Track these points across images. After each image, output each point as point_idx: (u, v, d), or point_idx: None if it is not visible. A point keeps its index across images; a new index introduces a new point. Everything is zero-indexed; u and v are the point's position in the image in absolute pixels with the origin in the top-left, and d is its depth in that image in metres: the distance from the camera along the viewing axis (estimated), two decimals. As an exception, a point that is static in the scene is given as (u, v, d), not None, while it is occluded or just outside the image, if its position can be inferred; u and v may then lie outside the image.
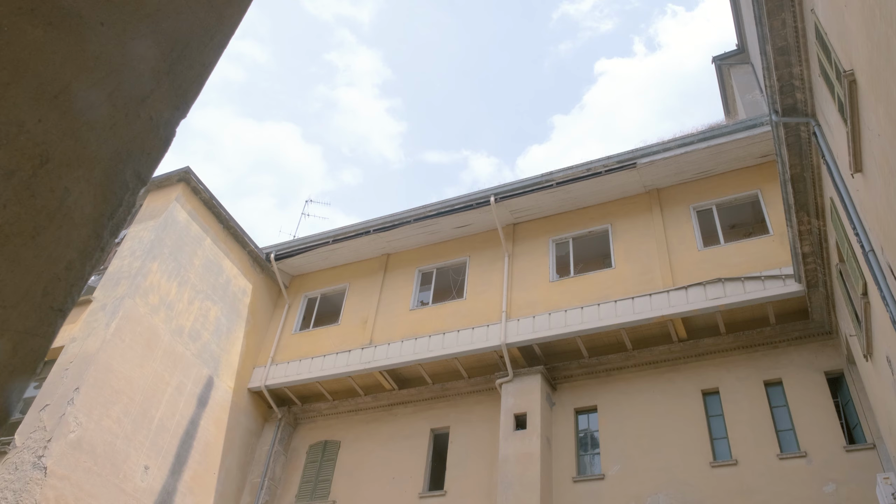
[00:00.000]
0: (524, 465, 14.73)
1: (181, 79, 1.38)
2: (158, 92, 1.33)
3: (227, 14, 1.49)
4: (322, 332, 19.71)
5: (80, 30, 1.17)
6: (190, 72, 1.40)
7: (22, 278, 1.02)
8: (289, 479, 18.32)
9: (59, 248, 1.10)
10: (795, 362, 14.32)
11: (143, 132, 1.30)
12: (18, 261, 1.02)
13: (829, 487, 12.48)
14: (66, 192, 1.13)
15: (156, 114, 1.33)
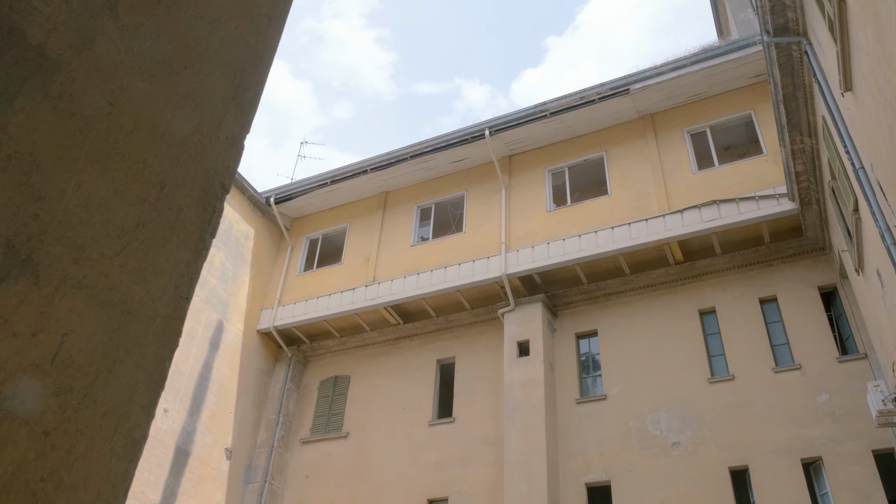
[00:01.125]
0: (529, 389, 15.28)
1: (243, 100, 1.59)
2: (229, 115, 1.54)
3: (271, 36, 1.68)
4: (326, 271, 20.03)
5: (171, 76, 1.37)
6: (248, 93, 1.61)
7: (161, 277, 1.26)
8: (302, 414, 18.96)
9: (181, 251, 1.33)
10: (790, 279, 14.71)
11: (223, 151, 1.51)
12: (157, 265, 1.26)
13: (823, 397, 13.03)
14: (180, 208, 1.35)
15: (230, 134, 1.54)
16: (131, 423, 1.14)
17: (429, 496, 15.75)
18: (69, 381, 1.06)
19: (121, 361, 1.15)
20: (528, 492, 14.00)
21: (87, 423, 1.07)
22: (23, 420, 0.98)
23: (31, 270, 1.06)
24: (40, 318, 1.05)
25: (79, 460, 1.04)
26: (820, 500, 12.39)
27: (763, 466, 12.83)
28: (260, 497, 17.67)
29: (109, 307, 1.16)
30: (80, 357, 1.09)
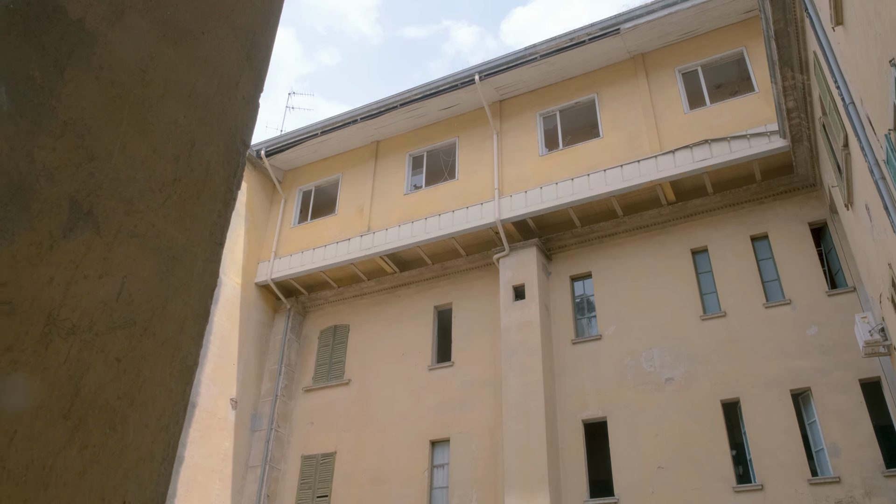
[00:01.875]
0: (525, 332, 15.61)
1: (255, 61, 1.73)
2: (244, 76, 1.67)
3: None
4: (320, 223, 20.16)
5: (192, 42, 1.51)
6: (260, 54, 1.74)
7: (198, 226, 1.42)
8: (304, 363, 19.34)
9: (212, 202, 1.49)
10: (780, 216, 14.92)
11: (241, 110, 1.65)
12: (194, 214, 1.42)
13: (812, 330, 13.39)
14: (208, 164, 1.50)
15: (246, 93, 1.68)
16: (184, 352, 1.31)
17: (431, 437, 16.23)
18: (132, 316, 1.23)
19: (171, 299, 1.32)
20: (527, 430, 14.45)
21: (149, 352, 1.24)
22: (98, 349, 1.15)
23: (92, 222, 1.21)
24: (104, 263, 1.21)
25: (146, 382, 1.21)
26: (808, 428, 12.85)
27: (754, 398, 13.25)
28: (266, 444, 18.16)
29: (158, 253, 1.32)
30: (138, 296, 1.25)
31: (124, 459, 1.15)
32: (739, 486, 12.64)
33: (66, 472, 1.06)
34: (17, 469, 1.00)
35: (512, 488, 14.04)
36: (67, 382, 1.09)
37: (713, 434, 13.30)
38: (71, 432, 1.08)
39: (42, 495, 1.02)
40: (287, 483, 17.82)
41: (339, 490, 16.87)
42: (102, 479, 1.11)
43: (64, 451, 1.06)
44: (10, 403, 1.01)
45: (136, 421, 1.19)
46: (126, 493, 1.14)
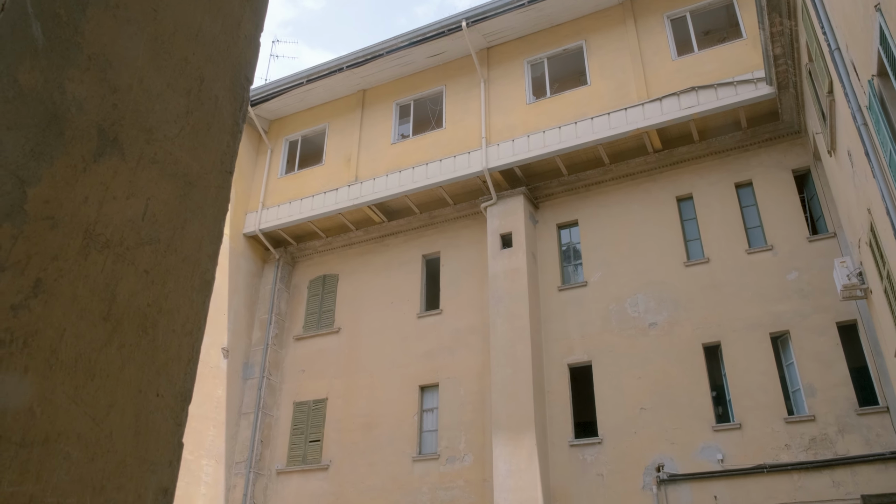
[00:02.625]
0: (512, 279, 15.86)
1: (255, 2, 1.83)
2: (245, 16, 1.78)
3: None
4: (307, 173, 20.14)
5: (199, -19, 1.61)
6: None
7: (210, 155, 1.55)
8: (294, 313, 19.56)
9: (221, 134, 1.61)
10: (765, 163, 15.08)
11: (244, 48, 1.76)
12: (206, 145, 1.54)
13: (793, 275, 13.70)
14: (217, 98, 1.62)
15: (248, 33, 1.79)
16: (202, 268, 1.45)
17: (420, 383, 16.59)
18: (156, 234, 1.37)
19: (189, 221, 1.45)
20: (514, 374, 14.81)
21: (172, 266, 1.38)
22: (129, 261, 1.29)
23: (118, 149, 1.34)
24: (129, 186, 1.34)
25: (171, 293, 1.36)
26: (786, 370, 13.26)
27: (734, 341, 13.62)
28: (259, 391, 18.49)
29: (176, 178, 1.45)
30: (161, 216, 1.39)
31: (156, 358, 1.30)
32: (718, 425, 13.10)
33: (107, 366, 1.21)
34: (68, 360, 1.15)
35: (499, 430, 14.45)
36: (105, 289, 1.24)
37: (694, 376, 13.70)
38: (110, 332, 1.23)
39: (90, 384, 1.17)
40: (280, 429, 18.21)
41: (330, 435, 17.28)
42: (138, 374, 1.26)
43: (105, 348, 1.21)
44: (57, 305, 1.15)
45: (165, 326, 1.33)
46: (159, 387, 1.29)
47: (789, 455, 12.31)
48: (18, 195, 1.14)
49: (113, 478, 1.18)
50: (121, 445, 1.20)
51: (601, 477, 13.75)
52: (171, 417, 1.31)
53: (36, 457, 1.07)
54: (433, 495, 15.23)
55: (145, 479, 1.23)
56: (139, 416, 1.24)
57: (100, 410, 1.18)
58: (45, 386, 1.11)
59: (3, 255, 1.09)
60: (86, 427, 1.15)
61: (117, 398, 1.21)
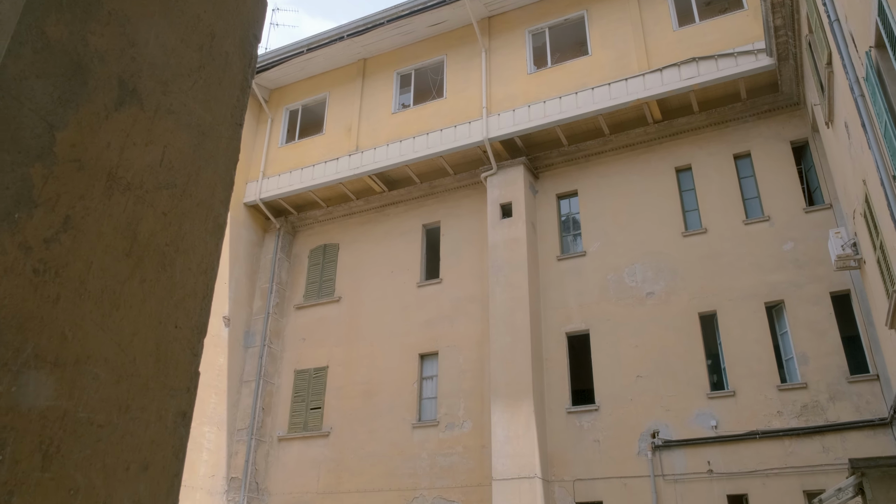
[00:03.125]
0: (512, 249, 15.97)
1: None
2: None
3: None
4: (308, 142, 20.15)
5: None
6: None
7: (221, 107, 1.65)
8: (295, 282, 19.71)
9: (232, 88, 1.71)
10: (764, 134, 15.11)
11: (252, 6, 1.85)
12: (217, 98, 1.64)
13: (788, 245, 13.81)
14: (227, 54, 1.71)
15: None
16: (216, 212, 1.56)
17: (420, 351, 16.79)
18: (173, 179, 1.47)
19: (203, 168, 1.55)
20: (513, 342, 14.99)
21: (188, 210, 1.48)
22: (149, 203, 1.39)
23: (137, 99, 1.43)
24: (148, 134, 1.44)
25: (187, 234, 1.46)
26: (780, 338, 13.44)
27: (730, 311, 13.78)
28: (260, 359, 18.70)
29: (190, 128, 1.55)
30: (177, 163, 1.48)
31: (174, 293, 1.41)
32: (713, 392, 13.30)
33: (131, 298, 1.32)
34: (95, 291, 1.25)
35: (498, 398, 14.67)
36: (127, 228, 1.34)
37: (690, 345, 13.88)
38: (132, 267, 1.33)
39: (115, 313, 1.28)
40: (281, 396, 18.45)
41: (331, 402, 17.52)
42: (158, 306, 1.37)
43: (128, 281, 1.32)
44: (84, 240, 1.26)
45: (182, 264, 1.44)
46: (177, 320, 1.40)
47: (781, 421, 12.53)
48: (48, 138, 1.24)
49: (137, 399, 1.29)
50: (143, 370, 1.31)
51: (598, 443, 13.99)
52: (189, 348, 1.42)
53: (68, 376, 1.18)
54: (432, 461, 15.50)
55: (166, 402, 1.34)
56: (159, 345, 1.36)
57: (124, 338, 1.29)
58: (75, 313, 1.21)
59: (36, 193, 1.19)
60: (112, 352, 1.26)
61: (140, 327, 1.32)
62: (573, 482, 13.90)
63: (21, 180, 1.18)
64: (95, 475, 1.18)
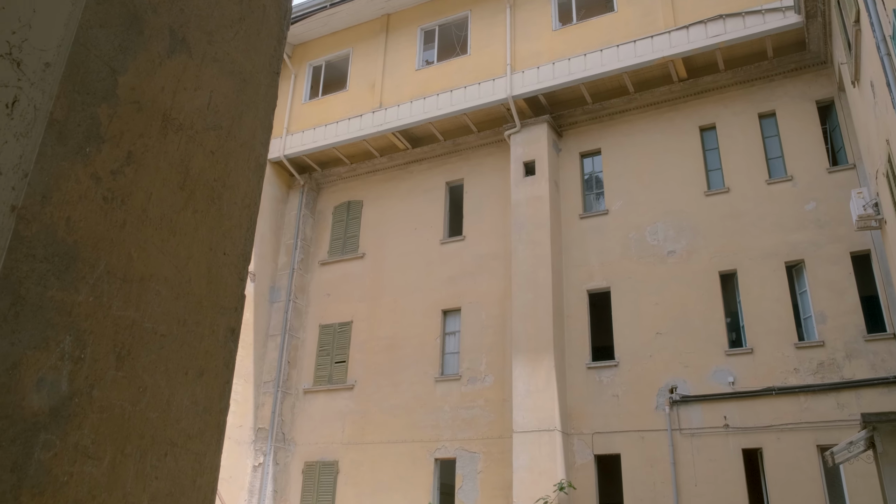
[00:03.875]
0: (534, 207, 16.05)
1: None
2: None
3: None
4: (331, 99, 20.20)
5: None
6: None
7: (260, 55, 1.80)
8: (319, 238, 19.98)
9: (269, 39, 1.85)
10: (790, 93, 14.92)
11: (288, -41, 1.97)
12: (256, 47, 1.79)
13: (811, 205, 13.74)
14: (264, 7, 1.85)
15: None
16: (257, 152, 1.71)
17: (443, 307, 17.04)
18: (219, 122, 1.62)
19: (245, 112, 1.70)
20: (535, 299, 15.17)
21: (232, 150, 1.64)
22: (198, 143, 1.55)
23: (186, 48, 1.58)
24: (196, 80, 1.59)
25: (232, 171, 1.62)
26: (799, 297, 13.48)
27: (750, 270, 13.82)
28: (285, 314, 19.09)
29: (233, 75, 1.70)
30: (222, 107, 1.64)
31: (222, 224, 1.58)
32: (731, 349, 13.43)
33: (185, 226, 1.49)
34: (155, 218, 1.42)
35: (519, 353, 14.92)
36: (180, 164, 1.50)
37: (710, 303, 13.97)
38: (186, 199, 1.50)
39: (172, 239, 1.45)
40: (306, 350, 18.88)
41: (355, 356, 17.90)
42: (209, 235, 1.54)
43: (182, 211, 1.49)
44: (144, 173, 1.42)
45: (228, 198, 1.60)
46: (225, 247, 1.57)
47: (797, 378, 12.65)
48: (111, 81, 1.39)
49: (193, 314, 1.47)
50: (198, 290, 1.49)
51: (616, 398, 14.23)
52: (236, 273, 1.59)
53: (135, 291, 1.36)
54: (454, 414, 15.86)
55: (217, 318, 1.52)
56: (211, 269, 1.53)
57: (180, 261, 1.46)
58: (138, 237, 1.38)
59: (103, 130, 1.36)
60: (171, 272, 1.43)
61: (193, 252, 1.49)
62: (592, 435, 14.19)
63: (90, 119, 1.34)
64: (160, 377, 1.36)
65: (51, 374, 1.17)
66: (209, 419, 1.44)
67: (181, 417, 1.38)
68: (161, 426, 1.34)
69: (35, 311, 1.17)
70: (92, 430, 1.21)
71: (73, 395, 1.20)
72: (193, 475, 1.39)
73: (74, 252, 1.25)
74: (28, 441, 1.11)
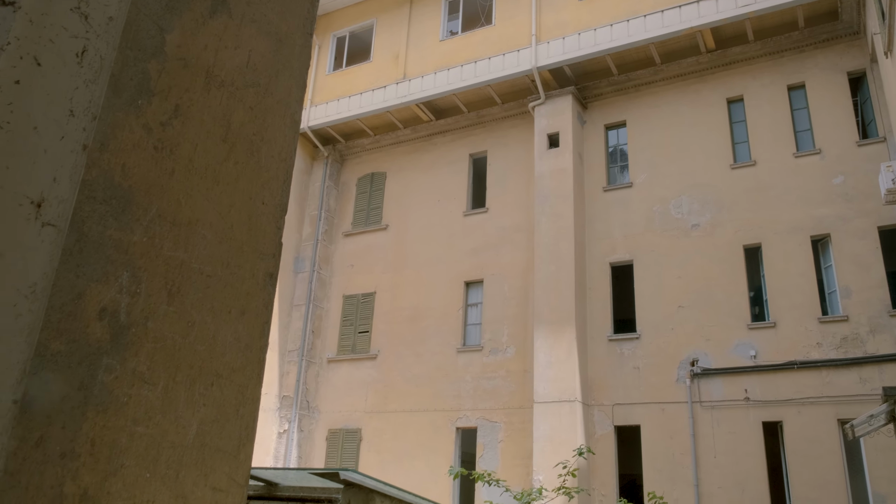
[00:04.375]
0: (558, 179, 16.03)
1: None
2: None
3: None
4: (355, 70, 20.22)
5: None
6: None
7: (295, 18, 1.89)
8: (343, 209, 20.14)
9: (303, 1, 1.93)
10: (820, 65, 14.68)
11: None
12: (291, 9, 1.88)
13: (839, 179, 13.59)
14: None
15: None
16: (292, 110, 1.81)
17: (465, 278, 17.17)
18: (257, 79, 1.72)
19: (281, 71, 1.79)
20: (557, 272, 15.23)
21: (269, 106, 1.73)
22: (238, 99, 1.65)
23: (226, 8, 1.67)
24: (236, 39, 1.68)
25: (269, 126, 1.72)
26: (824, 272, 13.39)
27: (775, 243, 13.73)
28: (310, 284, 19.35)
29: (269, 35, 1.78)
30: (260, 65, 1.73)
31: (261, 175, 1.68)
32: (754, 323, 13.42)
33: (227, 176, 1.59)
34: (200, 168, 1.53)
35: (541, 325, 15.02)
36: (222, 118, 1.60)
37: (733, 276, 13.93)
38: (228, 151, 1.60)
39: (215, 188, 1.55)
40: (330, 320, 19.14)
41: (378, 326, 18.13)
42: (249, 185, 1.64)
43: (225, 162, 1.59)
44: (190, 125, 1.52)
45: (266, 152, 1.70)
46: (264, 197, 1.67)
47: (820, 353, 12.63)
48: (160, 39, 1.49)
49: (235, 258, 1.57)
50: (239, 236, 1.59)
51: (637, 370, 14.30)
52: (273, 222, 1.69)
53: (184, 234, 1.46)
54: (476, 384, 16.05)
55: (257, 263, 1.63)
56: (251, 217, 1.63)
57: (223, 208, 1.57)
58: (186, 184, 1.49)
59: (153, 84, 1.46)
60: (215, 218, 1.54)
61: (235, 201, 1.60)
62: (612, 406, 14.31)
63: (141, 74, 1.44)
64: (206, 314, 1.47)
65: (111, 305, 1.28)
66: (250, 355, 1.56)
67: (225, 352, 1.50)
68: (208, 358, 1.46)
69: (96, 247, 1.28)
70: (147, 357, 1.33)
71: (131, 325, 1.31)
72: (237, 405, 1.50)
73: (129, 196, 1.36)
74: (92, 364, 1.23)
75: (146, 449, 1.29)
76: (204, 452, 1.40)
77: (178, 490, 1.34)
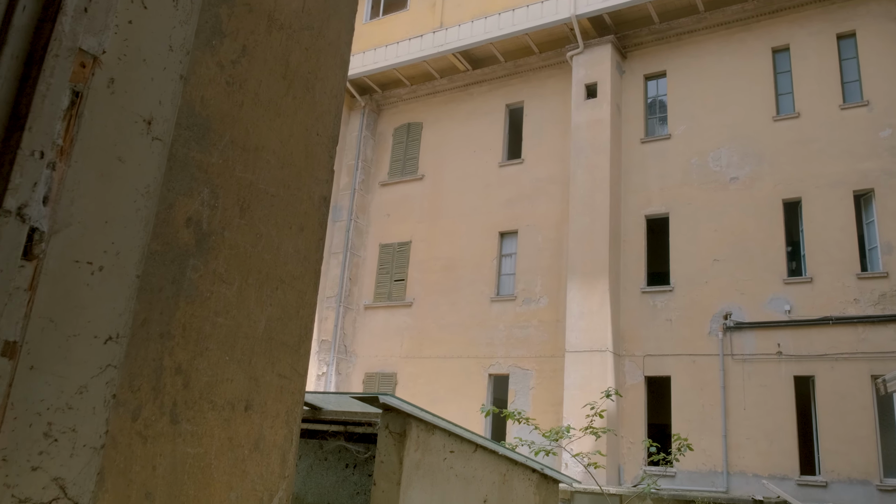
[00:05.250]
0: (595, 130, 15.97)
1: None
2: None
3: None
4: (392, 18, 20.17)
5: None
6: None
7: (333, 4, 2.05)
8: (379, 159, 20.33)
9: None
10: (873, 12, 14.25)
11: None
12: None
13: (886, 132, 13.32)
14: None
15: None
16: (342, 52, 2.00)
17: (500, 229, 17.33)
18: (311, 23, 1.90)
19: (332, 16, 1.98)
20: (591, 223, 15.30)
21: (322, 47, 1.93)
22: (295, 41, 1.84)
23: (285, -43, 1.86)
24: (294, -15, 1.87)
25: (322, 66, 1.91)
26: (865, 228, 13.25)
27: (816, 198, 13.59)
28: (347, 233, 19.70)
29: (321, -16, 1.97)
30: (314, 10, 1.91)
31: (315, 109, 1.88)
32: (790, 278, 13.39)
33: (286, 109, 1.79)
34: (264, 101, 1.73)
35: (574, 275, 15.17)
36: (282, 57, 1.80)
37: (771, 231, 13.86)
38: (287, 87, 1.80)
39: (277, 119, 1.76)
40: (367, 268, 19.53)
41: (414, 275, 18.46)
42: (305, 118, 1.85)
43: (284, 97, 1.79)
44: (256, 64, 1.72)
45: (319, 89, 1.90)
46: (318, 129, 1.88)
47: (857, 309, 12.59)
48: (229, -14, 1.68)
49: (294, 181, 1.79)
50: (297, 162, 1.81)
51: (669, 322, 14.43)
52: (326, 151, 1.90)
53: (251, 158, 1.68)
54: (509, 332, 16.34)
55: (313, 187, 1.84)
56: (307, 146, 1.84)
57: (284, 137, 1.78)
58: (253, 115, 1.70)
59: (224, 26, 1.66)
60: (277, 146, 1.75)
61: (294, 131, 1.81)
62: (643, 357, 14.50)
63: (214, 17, 1.64)
64: (272, 228, 1.70)
65: (195, 215, 1.51)
66: (308, 266, 1.79)
67: (287, 261, 1.73)
68: (273, 266, 1.69)
69: (182, 166, 1.50)
70: (225, 261, 1.56)
71: (211, 233, 1.54)
72: (297, 307, 1.74)
73: (207, 124, 1.58)
74: (182, 263, 1.47)
75: (225, 337, 1.54)
76: (271, 345, 1.65)
77: (251, 373, 1.59)
